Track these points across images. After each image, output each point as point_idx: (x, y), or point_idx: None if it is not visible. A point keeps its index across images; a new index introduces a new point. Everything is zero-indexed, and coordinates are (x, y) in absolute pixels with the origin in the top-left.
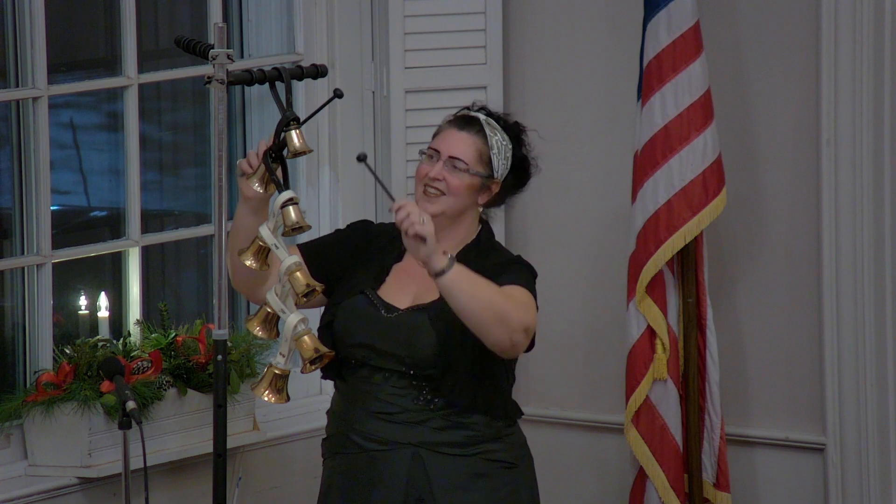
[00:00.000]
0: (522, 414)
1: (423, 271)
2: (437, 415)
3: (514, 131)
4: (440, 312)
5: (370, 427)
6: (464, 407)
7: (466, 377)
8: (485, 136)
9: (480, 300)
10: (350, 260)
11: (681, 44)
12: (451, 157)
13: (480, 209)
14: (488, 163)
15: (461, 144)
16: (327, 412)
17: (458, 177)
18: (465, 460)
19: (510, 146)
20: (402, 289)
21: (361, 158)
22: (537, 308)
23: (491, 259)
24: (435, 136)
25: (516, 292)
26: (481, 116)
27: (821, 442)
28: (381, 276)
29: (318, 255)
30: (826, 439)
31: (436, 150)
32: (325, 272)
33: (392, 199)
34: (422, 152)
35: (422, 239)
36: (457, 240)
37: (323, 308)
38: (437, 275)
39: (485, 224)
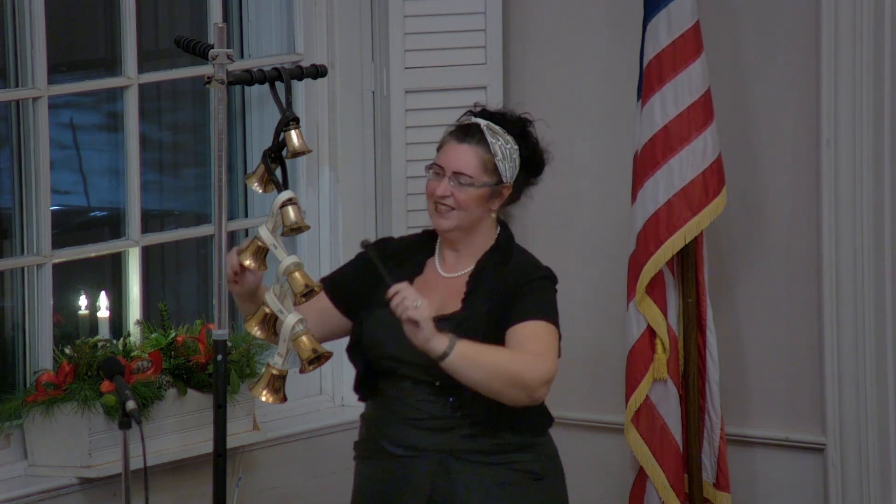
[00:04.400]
0: (552, 422)
1: (444, 282)
2: (465, 422)
3: (519, 128)
4: (461, 323)
5: (399, 433)
6: (487, 415)
7: None
8: (486, 144)
9: (490, 370)
10: (373, 281)
11: (681, 44)
12: (455, 173)
13: (494, 213)
14: (494, 170)
15: (463, 158)
16: (361, 416)
17: (465, 192)
18: (491, 469)
19: (515, 147)
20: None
21: (365, 246)
22: (559, 328)
23: (511, 267)
24: (438, 149)
25: (532, 338)
26: (482, 122)
27: (821, 442)
28: None
29: (342, 285)
30: (826, 439)
31: (440, 167)
32: (351, 301)
33: (389, 283)
34: (428, 168)
35: (416, 323)
36: (476, 248)
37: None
38: (440, 358)
39: (503, 227)
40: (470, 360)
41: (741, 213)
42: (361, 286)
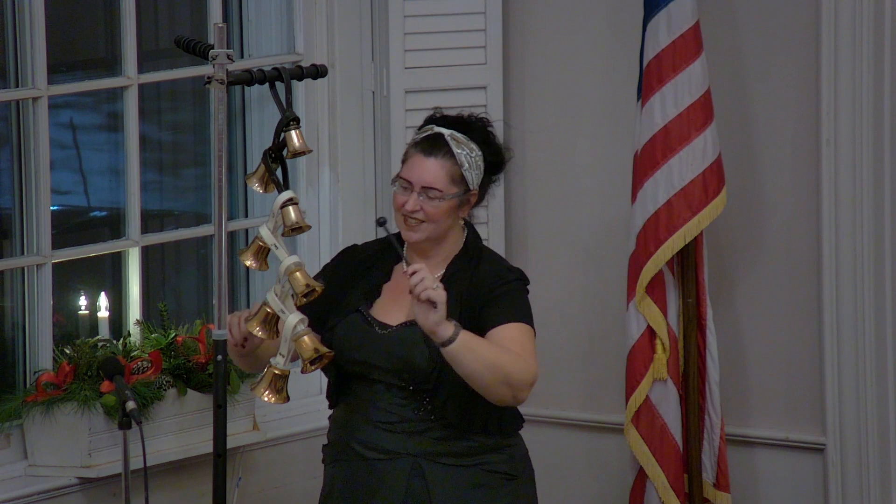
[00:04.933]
0: (522, 424)
1: None
2: (438, 425)
3: (481, 133)
4: None
5: (371, 436)
6: (458, 422)
7: (461, 392)
8: (453, 155)
9: (485, 363)
10: (339, 288)
11: (681, 44)
12: (424, 188)
13: (462, 219)
14: (461, 180)
15: (431, 173)
16: (329, 417)
17: (435, 205)
18: (464, 471)
19: (479, 153)
20: (394, 306)
21: (381, 223)
22: (535, 329)
23: (481, 271)
24: (404, 161)
25: (512, 341)
26: (445, 133)
27: (821, 442)
28: (372, 296)
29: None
30: (826, 439)
31: (408, 181)
32: (321, 312)
33: (407, 262)
34: (394, 181)
35: (432, 304)
36: (445, 253)
37: None
38: (444, 343)
39: (470, 228)
40: (470, 349)
41: (741, 213)
42: (328, 296)
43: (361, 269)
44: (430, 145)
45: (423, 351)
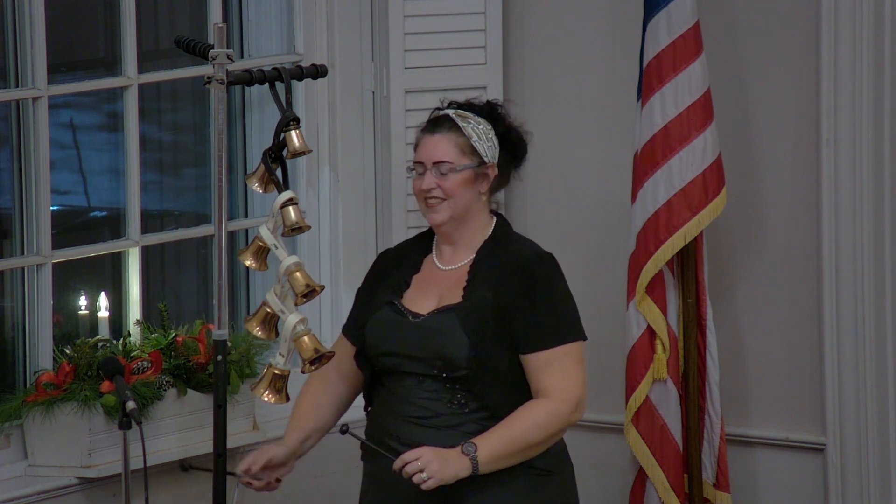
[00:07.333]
0: None
1: (443, 274)
2: (471, 419)
3: (488, 110)
4: (470, 313)
5: (404, 432)
6: (497, 408)
7: (500, 378)
8: (458, 128)
9: (520, 450)
10: (372, 289)
11: (681, 44)
12: (435, 164)
13: (485, 198)
14: (473, 152)
15: (439, 147)
16: (366, 413)
17: (450, 178)
18: None
19: (489, 127)
20: (425, 295)
21: (343, 431)
22: (581, 328)
23: (510, 251)
24: (415, 148)
25: (554, 371)
26: (450, 111)
27: (821, 442)
28: (401, 288)
29: (358, 324)
30: (826, 439)
31: (420, 163)
32: (359, 314)
33: (392, 458)
34: (409, 169)
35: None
36: (472, 238)
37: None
38: (473, 473)
39: (499, 217)
40: (497, 457)
41: (741, 213)
42: (363, 299)
43: (391, 267)
44: (435, 124)
45: (458, 337)
